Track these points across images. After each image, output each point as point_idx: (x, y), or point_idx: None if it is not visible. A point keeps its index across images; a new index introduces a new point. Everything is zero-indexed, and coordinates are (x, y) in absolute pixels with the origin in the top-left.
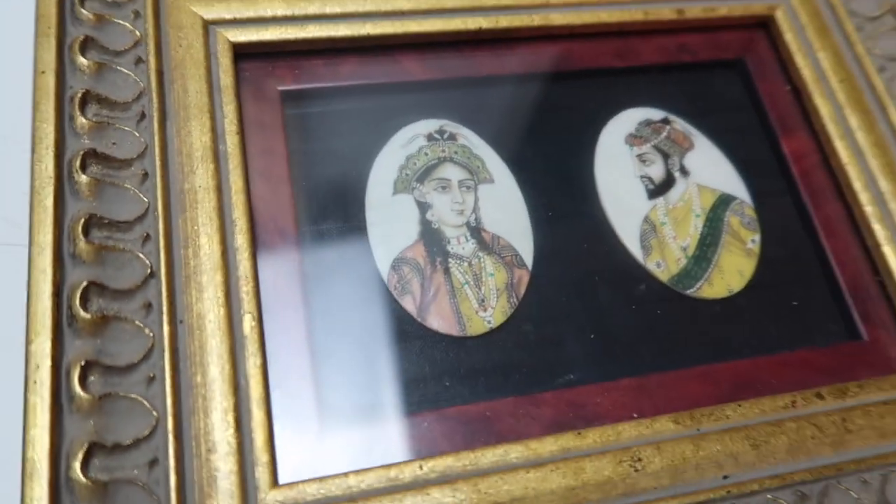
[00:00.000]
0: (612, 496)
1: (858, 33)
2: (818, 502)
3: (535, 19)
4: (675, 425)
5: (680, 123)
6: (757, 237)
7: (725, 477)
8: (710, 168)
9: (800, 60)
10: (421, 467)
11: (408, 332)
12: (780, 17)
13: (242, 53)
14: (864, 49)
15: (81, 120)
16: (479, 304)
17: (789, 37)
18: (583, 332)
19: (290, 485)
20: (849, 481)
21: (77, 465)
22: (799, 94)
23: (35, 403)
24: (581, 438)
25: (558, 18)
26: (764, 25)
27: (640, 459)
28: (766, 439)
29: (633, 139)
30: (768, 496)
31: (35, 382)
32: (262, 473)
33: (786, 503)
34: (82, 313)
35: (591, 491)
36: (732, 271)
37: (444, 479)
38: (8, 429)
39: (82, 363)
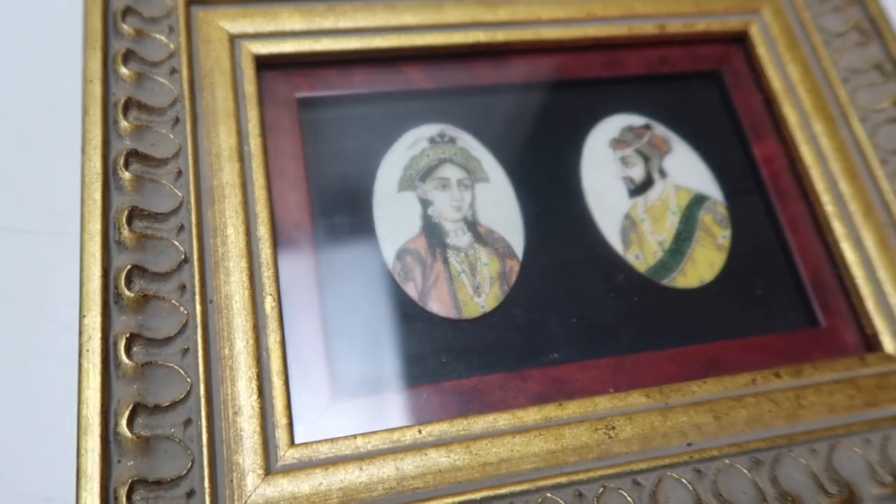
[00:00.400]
0: (587, 459)
1: (826, 47)
2: (771, 468)
3: (528, 34)
4: (646, 399)
5: (660, 129)
6: (728, 233)
7: (689, 444)
8: (687, 170)
9: (771, 72)
10: (420, 431)
11: (410, 315)
12: (754, 32)
13: (264, 64)
14: (831, 62)
15: (124, 123)
16: (475, 290)
17: (762, 50)
18: (567, 317)
19: (305, 444)
20: (799, 450)
21: (123, 423)
22: (770, 103)
23: (88, 369)
24: (562, 409)
25: (549, 33)
26: (739, 40)
27: (613, 428)
28: (727, 412)
29: (617, 143)
30: (726, 461)
31: (88, 351)
32: (281, 434)
33: (742, 468)
34: (127, 292)
35: (569, 454)
36: (704, 264)
37: (441, 442)
38: (65, 391)
39: (127, 335)
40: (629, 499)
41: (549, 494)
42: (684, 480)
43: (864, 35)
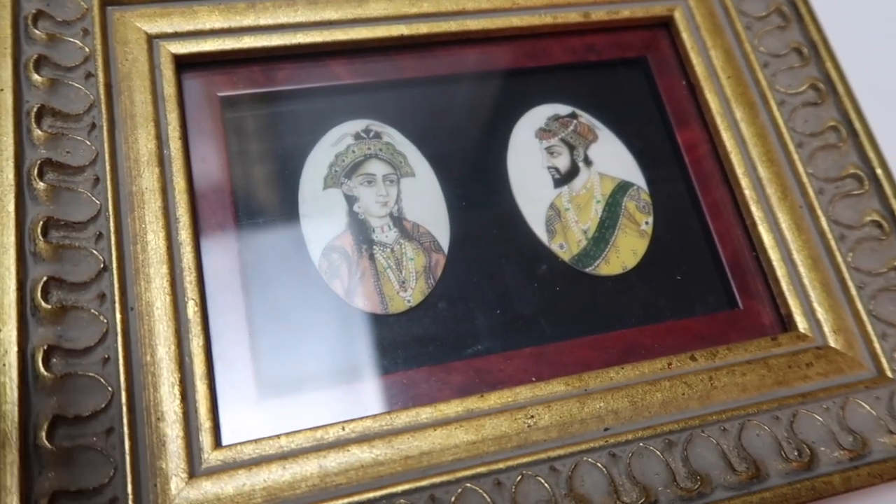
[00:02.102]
0: (507, 448)
1: (747, 32)
2: (683, 448)
3: (453, 25)
4: (565, 387)
5: (586, 118)
6: (650, 219)
7: (606, 429)
8: (612, 158)
9: (694, 58)
10: (343, 428)
11: (337, 312)
12: (678, 17)
13: (184, 64)
14: (752, 46)
15: (38, 132)
16: (400, 285)
17: (686, 36)
18: (491, 308)
19: (229, 446)
20: (711, 430)
21: (43, 435)
22: (693, 89)
23: (5, 383)
24: (483, 400)
25: (474, 24)
26: (666, 25)
27: (532, 417)
28: (643, 397)
29: (543, 133)
30: (641, 444)
31: (4, 365)
32: (205, 437)
33: (655, 450)
34: (44, 304)
35: (490, 444)
36: (627, 251)
37: (363, 438)
38: None
39: (45, 347)
40: (546, 485)
41: (468, 485)
42: (599, 464)
43: (785, 18)
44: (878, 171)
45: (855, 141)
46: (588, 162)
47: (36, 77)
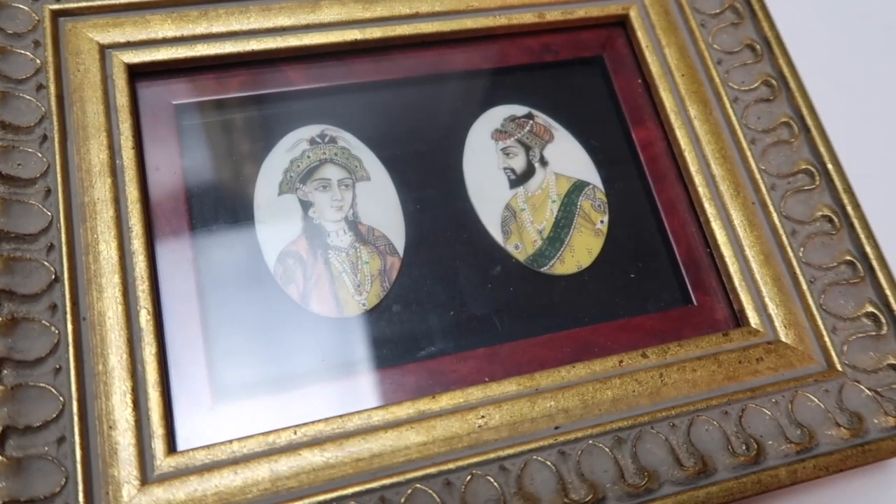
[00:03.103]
0: (457, 448)
1: (701, 29)
2: (632, 445)
3: (407, 29)
4: (517, 386)
5: (542, 118)
6: (605, 218)
7: (557, 428)
8: (568, 157)
9: (649, 56)
10: (295, 433)
11: (292, 317)
12: (634, 15)
13: (138, 73)
14: (706, 44)
15: None
16: (356, 289)
17: (641, 34)
18: (445, 310)
19: (182, 452)
20: (660, 426)
21: None
22: (648, 87)
23: None
24: (435, 402)
25: (428, 27)
26: (622, 24)
27: (483, 416)
28: (593, 395)
29: (499, 134)
30: (590, 442)
31: None
32: (157, 444)
33: (604, 447)
34: None
35: (441, 445)
36: (582, 250)
37: (315, 442)
38: None
39: None
40: (496, 484)
41: (418, 485)
42: (548, 463)
43: (738, 15)
44: (830, 167)
45: (807, 136)
46: (544, 162)
47: None
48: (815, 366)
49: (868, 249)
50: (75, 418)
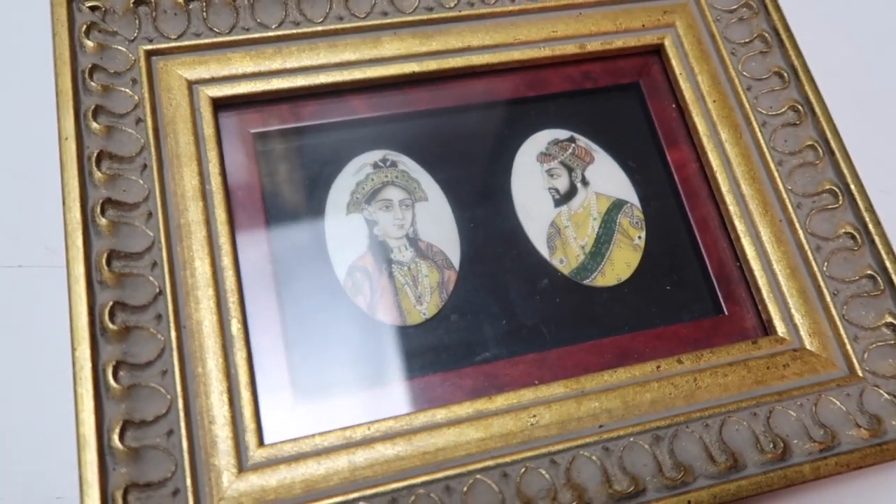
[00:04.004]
0: (512, 444)
1: (732, 57)
2: (670, 442)
3: (459, 61)
4: (564, 389)
5: (583, 141)
6: (643, 234)
7: (601, 426)
8: (607, 178)
9: (683, 83)
10: (369, 428)
11: (360, 325)
12: (668, 44)
13: (220, 105)
14: (736, 72)
15: (98, 174)
16: (417, 300)
17: (675, 62)
18: (497, 319)
19: (271, 445)
20: (695, 426)
21: (115, 437)
22: (682, 112)
23: (82, 394)
24: (491, 402)
25: (478, 59)
26: (657, 52)
27: (535, 416)
28: (633, 397)
29: (543, 157)
30: (631, 439)
31: (81, 379)
32: (250, 437)
33: (644, 444)
34: (110, 325)
35: (497, 441)
36: (621, 263)
37: (386, 437)
38: (64, 413)
39: (113, 363)
40: (547, 476)
41: (478, 476)
42: (594, 458)
43: (767, 44)
44: (852, 187)
45: (831, 158)
46: (585, 182)
47: (94, 125)
48: (838, 372)
49: (888, 264)
50: (181, 414)
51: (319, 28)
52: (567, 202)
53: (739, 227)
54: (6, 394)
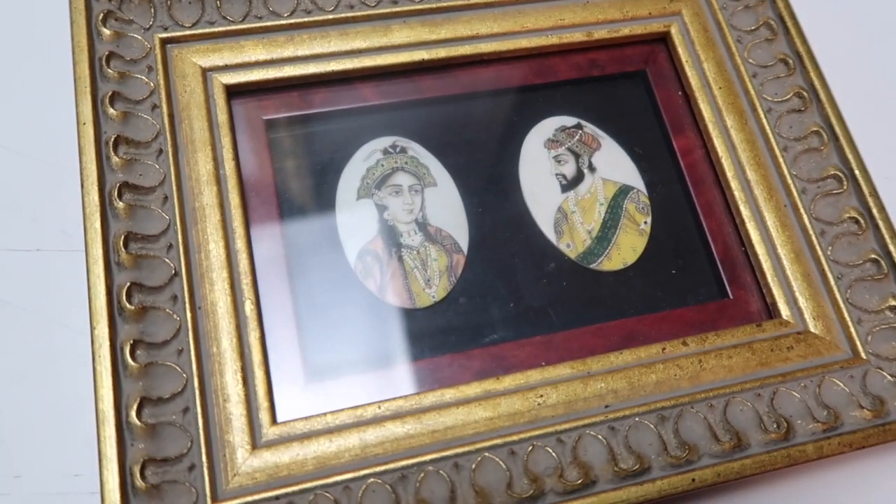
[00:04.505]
0: (520, 423)
1: (737, 45)
2: (674, 422)
3: (468, 49)
4: (570, 370)
5: (590, 128)
6: (649, 219)
7: (607, 406)
8: (614, 164)
9: (689, 70)
10: (379, 407)
11: (371, 307)
12: (675, 32)
13: (233, 92)
14: (741, 59)
15: (115, 159)
16: (426, 283)
17: (681, 49)
18: (505, 302)
19: (284, 422)
20: (699, 406)
21: (133, 413)
22: (688, 99)
23: (101, 372)
24: (499, 382)
25: (486, 47)
26: (663, 40)
27: (542, 396)
28: (639, 378)
29: (551, 143)
30: (637, 419)
31: (100, 357)
32: (263, 415)
33: (649, 423)
34: (128, 306)
35: (505, 420)
36: (627, 248)
37: (396, 416)
38: (84, 390)
39: (131, 342)
40: (553, 454)
41: (486, 454)
42: (600, 437)
43: (772, 31)
44: (857, 172)
45: (835, 144)
46: (592, 168)
47: (111, 111)
48: (842, 354)
49: (892, 248)
50: (196, 392)
51: (330, 16)
52: (574, 188)
53: (744, 212)
54: (27, 374)
